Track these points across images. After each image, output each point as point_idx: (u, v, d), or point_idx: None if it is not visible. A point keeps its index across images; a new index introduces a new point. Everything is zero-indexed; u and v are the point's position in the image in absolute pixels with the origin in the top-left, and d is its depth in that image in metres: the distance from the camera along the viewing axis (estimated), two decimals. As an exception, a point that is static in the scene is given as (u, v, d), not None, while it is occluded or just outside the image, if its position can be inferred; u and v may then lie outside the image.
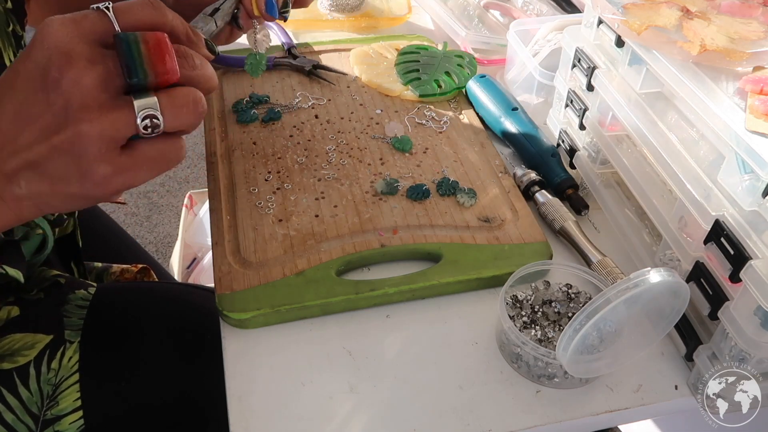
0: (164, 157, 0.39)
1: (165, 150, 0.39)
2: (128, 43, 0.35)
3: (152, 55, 0.36)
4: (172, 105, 0.37)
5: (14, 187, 0.37)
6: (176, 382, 0.62)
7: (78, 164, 0.36)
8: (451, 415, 0.47)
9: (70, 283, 0.64)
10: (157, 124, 0.37)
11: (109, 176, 0.37)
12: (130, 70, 0.35)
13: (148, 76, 0.36)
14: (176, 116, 0.37)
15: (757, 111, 0.43)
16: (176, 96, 0.37)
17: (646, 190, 0.54)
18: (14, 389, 0.56)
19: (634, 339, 0.48)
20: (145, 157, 0.38)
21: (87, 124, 0.35)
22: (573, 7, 0.92)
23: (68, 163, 0.36)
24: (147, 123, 0.36)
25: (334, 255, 0.55)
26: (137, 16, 0.37)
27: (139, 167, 0.38)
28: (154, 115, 0.36)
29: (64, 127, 0.35)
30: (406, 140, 0.68)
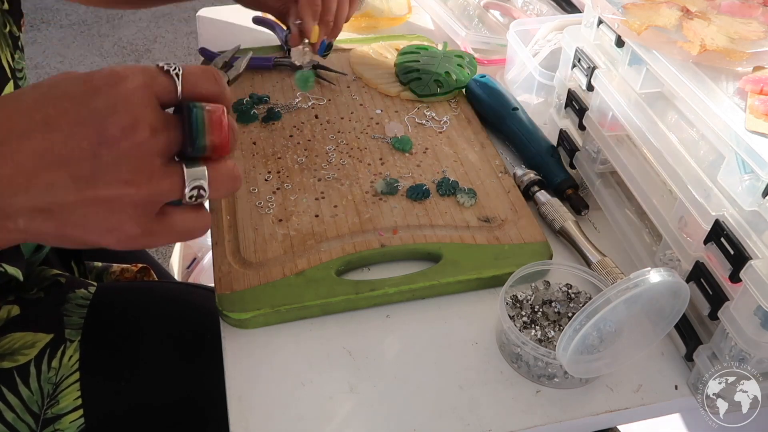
0: (191, 230, 0.38)
1: (196, 223, 0.38)
2: (196, 116, 0.35)
3: (214, 130, 0.36)
4: (217, 178, 0.37)
5: (8, 222, 0.34)
6: (176, 382, 0.62)
7: (107, 221, 0.35)
8: (451, 415, 0.47)
9: (71, 282, 0.64)
10: (203, 195, 0.36)
11: (136, 237, 0.36)
12: (193, 142, 0.35)
13: (207, 150, 0.36)
14: (219, 189, 0.37)
15: (757, 111, 0.43)
16: (222, 169, 0.37)
17: (646, 190, 0.54)
18: (15, 388, 0.56)
19: (634, 339, 0.48)
20: (173, 226, 0.37)
21: (134, 188, 0.34)
22: (573, 7, 0.92)
23: (94, 217, 0.35)
24: (194, 193, 0.36)
25: (334, 255, 0.55)
26: (201, 88, 0.37)
27: (164, 234, 0.37)
28: (202, 185, 0.36)
29: (105, 184, 0.34)
30: (406, 140, 0.68)
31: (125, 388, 0.60)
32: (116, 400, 0.59)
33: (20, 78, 0.59)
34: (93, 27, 2.63)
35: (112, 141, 0.33)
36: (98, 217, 0.35)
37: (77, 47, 2.51)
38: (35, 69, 2.36)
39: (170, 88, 0.36)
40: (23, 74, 0.60)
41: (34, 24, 2.63)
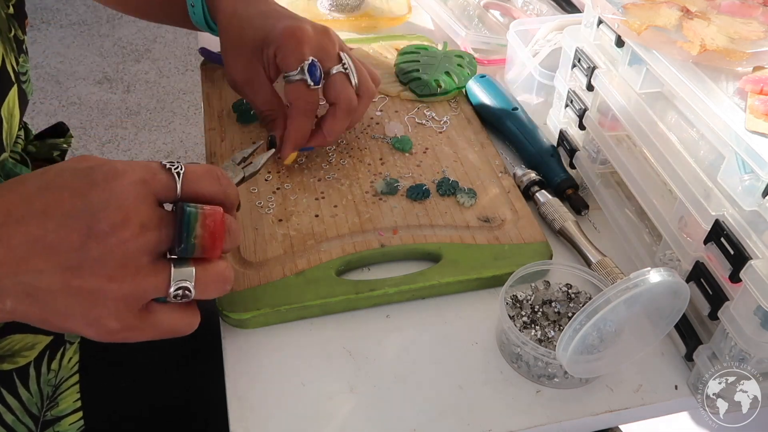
0: (174, 329, 0.39)
1: (179, 321, 0.38)
2: (188, 217, 0.36)
3: (206, 234, 0.36)
4: (205, 279, 0.37)
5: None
6: (176, 382, 0.62)
7: (89, 312, 0.35)
8: (451, 415, 0.47)
9: (70, 283, 0.64)
10: (188, 295, 0.37)
11: (115, 331, 0.36)
12: (180, 242, 0.35)
13: (195, 250, 0.36)
14: (205, 290, 0.37)
15: (757, 111, 0.43)
16: (211, 271, 0.37)
17: (646, 190, 0.54)
18: (14, 390, 0.56)
19: (634, 339, 0.48)
20: (157, 324, 0.37)
21: (117, 283, 0.34)
22: (573, 7, 0.92)
23: (76, 306, 0.35)
24: (179, 293, 0.36)
25: (334, 255, 0.55)
26: (201, 188, 0.37)
27: (147, 330, 0.37)
28: (188, 287, 0.36)
29: (90, 275, 0.34)
30: (406, 140, 0.68)
31: (125, 390, 0.60)
32: (116, 401, 0.59)
33: (24, 81, 0.58)
34: (93, 27, 2.63)
35: (100, 235, 0.34)
36: (80, 307, 0.35)
37: (77, 47, 2.51)
38: (35, 69, 2.36)
39: (170, 185, 0.36)
40: (27, 77, 0.60)
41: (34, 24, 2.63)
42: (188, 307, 0.39)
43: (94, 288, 0.34)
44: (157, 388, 0.61)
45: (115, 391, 0.59)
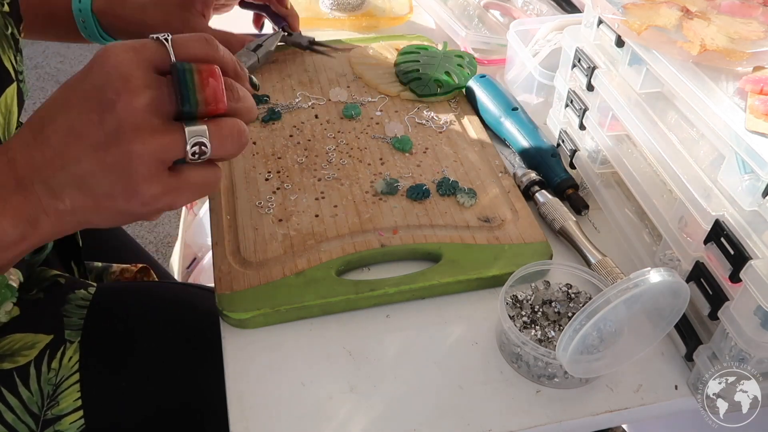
0: (207, 183, 0.40)
1: (208, 176, 0.40)
2: (184, 72, 0.37)
3: (204, 86, 0.37)
4: (219, 134, 0.38)
5: (58, 202, 0.38)
6: (176, 382, 0.62)
7: (127, 182, 0.37)
8: (451, 415, 0.47)
9: (70, 282, 0.64)
10: (205, 152, 0.38)
11: (157, 196, 0.38)
12: (183, 98, 0.37)
13: (199, 105, 0.37)
14: (222, 145, 0.39)
15: (757, 111, 0.43)
16: (223, 126, 0.39)
17: (646, 190, 0.54)
18: (15, 389, 0.56)
19: (634, 339, 0.48)
20: (190, 181, 0.39)
21: (139, 145, 0.36)
22: (573, 7, 0.92)
23: (116, 181, 0.37)
24: (196, 150, 0.38)
25: (334, 255, 0.55)
26: (192, 50, 0.39)
27: (184, 190, 0.39)
28: (203, 142, 0.38)
29: (116, 145, 0.36)
30: (406, 140, 0.68)
31: (125, 389, 0.60)
32: (116, 400, 0.59)
33: (21, 80, 0.59)
34: (93, 27, 2.63)
35: (110, 105, 0.36)
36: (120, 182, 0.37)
37: (77, 47, 2.51)
38: (35, 69, 2.36)
39: (161, 50, 0.38)
40: (23, 77, 0.60)
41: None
42: (211, 164, 0.41)
43: (121, 157, 0.36)
44: (158, 387, 0.61)
45: (115, 391, 0.59)
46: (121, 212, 0.39)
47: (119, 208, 0.39)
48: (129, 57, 0.37)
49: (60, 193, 0.38)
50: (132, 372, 0.61)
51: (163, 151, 0.37)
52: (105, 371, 0.60)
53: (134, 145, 0.36)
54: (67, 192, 0.38)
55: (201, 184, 0.40)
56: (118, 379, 0.60)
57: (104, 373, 0.59)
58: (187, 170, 0.39)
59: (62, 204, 0.38)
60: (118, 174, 0.37)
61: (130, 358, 0.61)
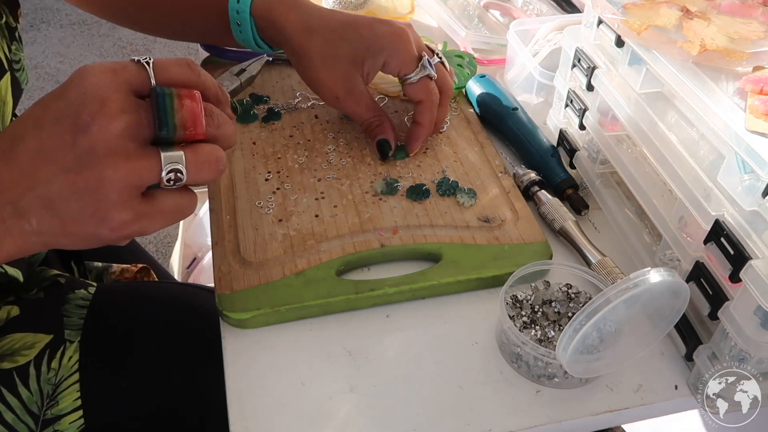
0: (180, 209, 0.40)
1: (182, 203, 0.40)
2: (163, 96, 0.36)
3: (184, 111, 0.37)
4: (196, 161, 0.38)
5: (24, 223, 0.37)
6: (176, 382, 0.62)
7: (97, 207, 0.37)
8: (451, 415, 0.47)
9: (70, 282, 0.64)
10: (180, 178, 0.38)
11: (128, 222, 0.37)
12: (161, 122, 0.36)
13: (177, 130, 0.37)
14: (198, 172, 0.38)
15: (757, 111, 0.43)
16: (201, 153, 0.38)
17: (646, 190, 0.54)
18: (14, 389, 0.56)
19: (634, 339, 0.48)
20: (163, 208, 0.39)
21: (111, 170, 0.36)
22: (573, 7, 0.92)
23: (86, 206, 0.37)
24: (171, 176, 0.37)
25: (334, 255, 0.55)
26: (173, 74, 0.38)
27: (156, 216, 0.39)
28: (179, 169, 0.37)
29: (88, 169, 0.36)
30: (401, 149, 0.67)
31: (125, 389, 0.60)
32: (116, 400, 0.59)
33: (18, 70, 0.58)
34: (93, 27, 2.63)
35: (84, 127, 0.35)
36: (90, 206, 0.36)
37: (77, 47, 2.51)
38: (35, 69, 2.36)
39: (141, 74, 0.37)
40: (21, 65, 0.60)
41: (34, 24, 2.63)
42: (185, 190, 0.40)
43: (93, 181, 0.36)
44: (157, 387, 0.61)
45: (115, 390, 0.59)
46: (89, 236, 0.38)
47: (87, 232, 0.38)
48: (107, 79, 0.36)
49: (26, 213, 0.37)
50: (132, 372, 0.61)
51: (137, 177, 0.36)
52: (105, 371, 0.60)
53: (107, 170, 0.35)
54: (33, 213, 0.37)
55: (174, 211, 0.39)
56: (118, 379, 0.60)
57: (104, 373, 0.59)
58: (161, 196, 0.39)
59: (28, 225, 0.37)
60: (88, 198, 0.36)
61: (130, 358, 0.61)
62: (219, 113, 0.40)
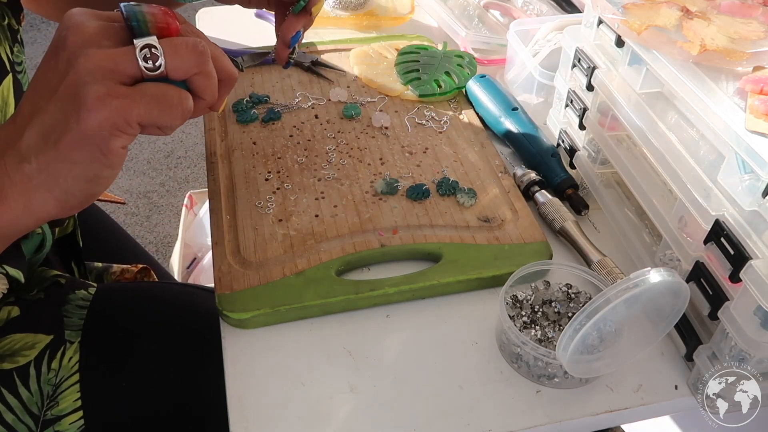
0: (166, 97, 0.38)
1: (167, 90, 0.38)
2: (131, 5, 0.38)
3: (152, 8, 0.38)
4: (171, 44, 0.38)
5: (25, 164, 0.38)
6: (176, 382, 0.62)
7: (75, 97, 0.36)
8: (451, 415, 0.47)
9: (71, 283, 0.64)
10: (157, 56, 0.37)
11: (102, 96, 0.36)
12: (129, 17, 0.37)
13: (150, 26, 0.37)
14: (176, 53, 0.38)
15: (757, 111, 0.43)
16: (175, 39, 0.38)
17: (646, 190, 0.54)
18: (14, 389, 0.56)
19: (634, 339, 0.48)
20: (144, 90, 0.37)
21: (83, 58, 0.36)
22: (573, 7, 0.92)
23: (67, 104, 0.37)
24: (146, 53, 0.37)
25: (334, 255, 0.55)
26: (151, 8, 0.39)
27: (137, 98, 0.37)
28: (153, 44, 0.37)
29: (66, 73, 0.36)
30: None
31: (125, 389, 0.60)
32: (116, 401, 0.59)
33: (20, 72, 0.58)
34: (93, 27, 2.63)
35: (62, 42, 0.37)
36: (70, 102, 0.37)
37: (77, 47, 2.51)
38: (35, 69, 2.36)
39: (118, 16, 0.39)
40: (23, 68, 0.60)
41: (34, 24, 2.63)
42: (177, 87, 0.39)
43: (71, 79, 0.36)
44: (158, 387, 0.61)
45: (115, 391, 0.59)
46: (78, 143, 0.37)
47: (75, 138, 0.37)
48: (83, 10, 0.38)
49: (27, 153, 0.38)
50: (132, 372, 0.61)
51: (110, 60, 0.36)
52: (105, 372, 0.60)
53: (80, 60, 0.36)
54: (33, 147, 0.38)
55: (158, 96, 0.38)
56: (118, 380, 0.60)
57: (104, 373, 0.59)
58: (147, 84, 0.38)
59: (28, 165, 0.38)
60: (69, 96, 0.36)
61: (130, 359, 0.61)
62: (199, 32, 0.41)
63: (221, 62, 0.41)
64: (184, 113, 0.39)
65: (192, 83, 0.40)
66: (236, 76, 0.43)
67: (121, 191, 1.89)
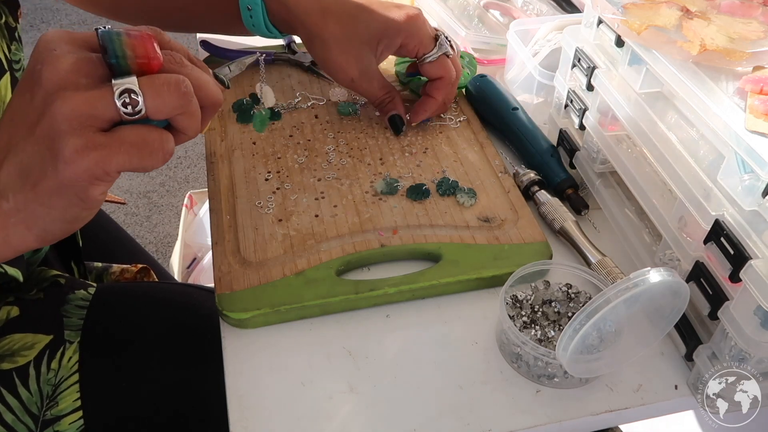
0: (146, 143, 0.37)
1: (147, 135, 0.37)
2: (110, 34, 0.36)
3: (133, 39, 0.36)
4: (152, 83, 0.36)
5: (2, 202, 0.37)
6: (176, 382, 0.62)
7: (51, 145, 0.35)
8: (451, 415, 0.47)
9: (70, 283, 0.64)
10: (137, 101, 0.35)
11: (80, 149, 0.35)
12: (109, 51, 0.35)
13: (128, 57, 0.35)
14: (157, 95, 0.36)
15: (757, 111, 0.43)
16: (157, 77, 0.36)
17: (646, 190, 0.54)
18: (14, 389, 0.56)
19: (633, 339, 0.48)
20: (123, 138, 0.36)
21: (59, 102, 0.35)
22: (573, 7, 0.92)
23: (45, 150, 0.36)
24: (125, 99, 0.35)
25: (334, 255, 0.55)
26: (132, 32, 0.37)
27: (115, 147, 0.36)
28: (132, 89, 0.35)
29: (43, 114, 0.35)
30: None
31: (125, 389, 0.60)
32: (116, 401, 0.59)
33: (17, 70, 0.58)
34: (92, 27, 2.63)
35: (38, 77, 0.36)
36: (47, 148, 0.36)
37: (77, 47, 2.51)
38: (35, 69, 2.36)
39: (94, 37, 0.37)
40: (21, 66, 0.60)
41: (34, 24, 2.63)
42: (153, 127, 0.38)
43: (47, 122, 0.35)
44: (157, 387, 0.61)
45: (114, 391, 0.59)
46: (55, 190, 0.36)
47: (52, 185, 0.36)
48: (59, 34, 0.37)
49: (4, 190, 0.37)
50: (131, 372, 0.61)
51: (88, 105, 0.35)
52: (104, 372, 0.60)
53: (56, 103, 0.35)
54: (10, 186, 0.37)
55: (137, 143, 0.36)
56: (118, 380, 0.60)
57: (104, 373, 0.59)
58: (122, 128, 0.36)
59: (6, 203, 0.37)
60: (45, 141, 0.35)
61: (130, 359, 0.61)
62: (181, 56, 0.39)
63: (205, 91, 0.39)
64: (165, 156, 0.38)
65: (174, 122, 0.38)
66: (221, 102, 0.41)
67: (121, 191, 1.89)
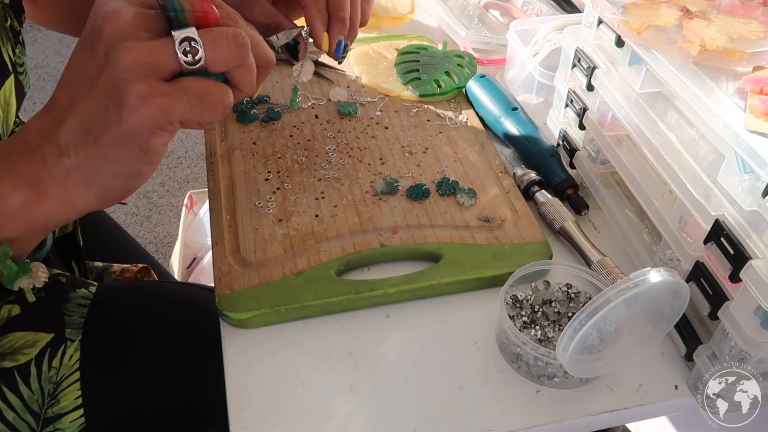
0: (207, 93, 0.38)
1: (209, 87, 0.38)
2: None
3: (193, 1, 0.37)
4: (210, 35, 0.37)
5: (64, 158, 0.37)
6: (176, 382, 0.62)
7: (115, 95, 0.36)
8: (451, 415, 0.47)
9: (71, 282, 0.64)
10: (197, 50, 0.36)
11: (144, 96, 0.36)
12: (166, 5, 0.36)
13: (186, 11, 0.36)
14: (216, 46, 0.37)
15: (757, 111, 0.43)
16: (215, 29, 0.37)
17: (646, 190, 0.54)
18: (15, 387, 0.56)
19: (633, 339, 0.48)
20: (186, 87, 0.37)
21: (122, 52, 0.35)
22: (573, 7, 0.92)
23: (108, 101, 0.36)
24: (186, 47, 0.36)
25: (334, 255, 0.55)
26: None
27: (178, 95, 0.37)
28: (192, 37, 0.36)
29: (105, 67, 0.36)
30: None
31: (126, 387, 0.60)
32: (117, 399, 0.59)
33: (21, 73, 0.59)
34: (93, 27, 2.63)
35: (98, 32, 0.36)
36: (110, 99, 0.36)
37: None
38: (35, 69, 2.36)
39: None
40: (24, 68, 0.60)
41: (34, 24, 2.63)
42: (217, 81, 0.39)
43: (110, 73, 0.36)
44: (158, 386, 0.61)
45: (115, 389, 0.59)
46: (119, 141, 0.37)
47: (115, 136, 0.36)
48: None
49: (66, 147, 0.37)
50: (132, 371, 0.61)
51: (150, 55, 0.35)
52: (105, 370, 0.60)
53: (118, 55, 0.35)
54: (72, 142, 0.37)
55: (199, 93, 0.37)
56: (119, 378, 0.60)
57: (105, 371, 0.59)
58: (183, 78, 0.37)
59: (68, 159, 0.37)
60: (109, 92, 0.36)
61: (131, 358, 0.61)
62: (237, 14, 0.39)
63: (259, 49, 0.40)
64: (225, 109, 0.39)
65: (231, 75, 0.39)
66: (274, 62, 0.41)
67: (121, 191, 1.88)
